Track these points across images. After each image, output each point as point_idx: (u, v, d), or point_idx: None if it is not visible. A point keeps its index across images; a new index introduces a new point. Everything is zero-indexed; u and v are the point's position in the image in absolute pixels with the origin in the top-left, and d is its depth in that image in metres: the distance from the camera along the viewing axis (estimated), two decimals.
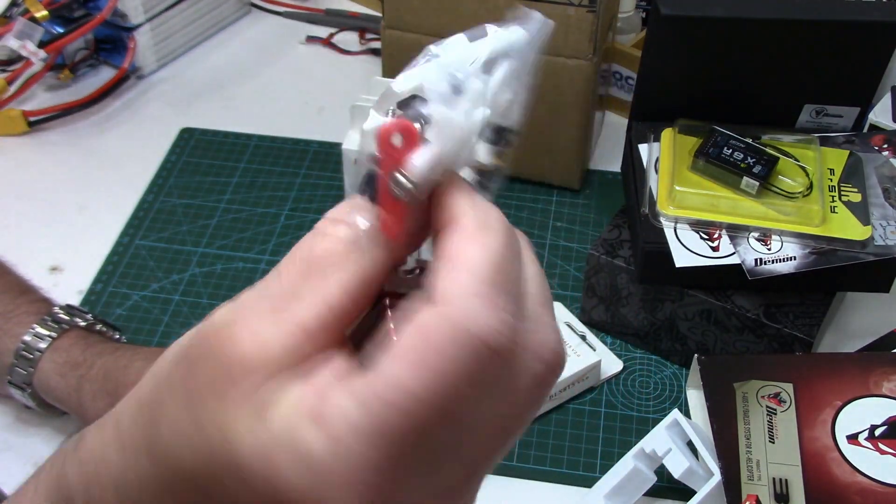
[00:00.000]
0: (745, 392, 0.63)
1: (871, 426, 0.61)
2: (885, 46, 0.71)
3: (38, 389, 0.68)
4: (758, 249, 0.67)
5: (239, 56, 1.08)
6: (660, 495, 0.66)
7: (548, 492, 0.67)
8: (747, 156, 0.69)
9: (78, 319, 0.70)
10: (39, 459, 0.69)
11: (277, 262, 0.35)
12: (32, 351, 0.68)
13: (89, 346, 0.69)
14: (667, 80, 0.74)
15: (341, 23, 1.11)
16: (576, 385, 0.72)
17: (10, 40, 0.91)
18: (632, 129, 0.76)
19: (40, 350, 0.68)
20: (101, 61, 1.04)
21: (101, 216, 0.88)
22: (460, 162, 0.38)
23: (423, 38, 0.84)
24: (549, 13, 0.89)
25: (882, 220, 0.68)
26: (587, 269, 0.74)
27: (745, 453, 0.60)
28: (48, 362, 0.68)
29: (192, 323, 0.34)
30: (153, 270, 0.83)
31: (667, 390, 0.73)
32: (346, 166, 0.78)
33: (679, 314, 0.71)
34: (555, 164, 0.88)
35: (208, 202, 0.90)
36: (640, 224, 0.69)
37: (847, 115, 0.75)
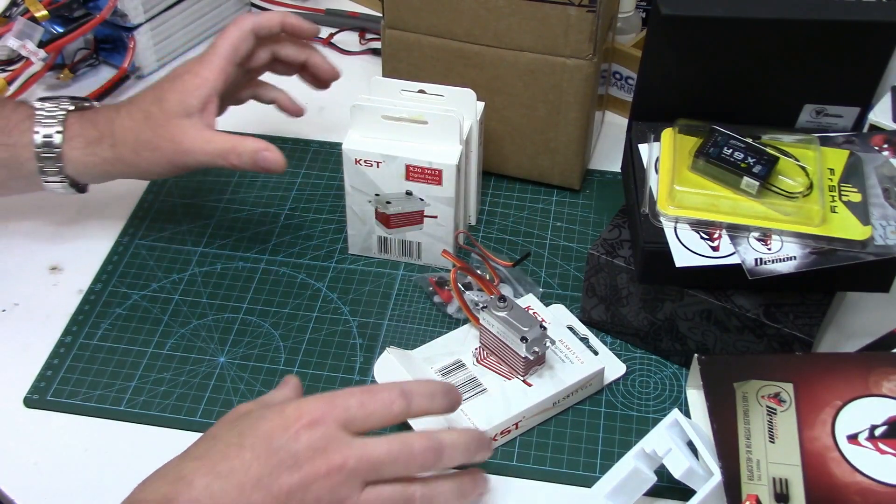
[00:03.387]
0: (745, 392, 0.63)
1: (871, 426, 0.61)
2: (885, 46, 0.71)
3: (75, 176, 0.77)
4: (758, 249, 0.67)
5: None
6: (660, 495, 0.66)
7: (548, 492, 0.67)
8: (747, 155, 0.69)
9: (65, 105, 0.77)
10: (40, 459, 0.69)
11: (277, 261, 0.36)
12: (52, 149, 0.76)
13: (94, 122, 0.76)
14: (667, 79, 0.74)
15: (341, 23, 1.11)
16: (579, 392, 0.72)
17: (10, 40, 0.91)
18: (632, 128, 0.76)
19: (58, 146, 0.75)
20: (101, 61, 1.04)
21: (101, 216, 0.88)
22: None
23: (423, 38, 0.84)
24: (549, 13, 0.89)
25: (882, 219, 0.68)
26: (587, 269, 0.74)
27: (745, 453, 0.60)
28: (71, 151, 0.76)
29: (192, 323, 0.34)
30: (153, 270, 0.83)
31: (667, 390, 0.73)
32: (347, 166, 0.78)
33: (679, 314, 0.71)
34: (555, 164, 0.88)
35: (208, 202, 0.89)
36: (640, 224, 0.69)
37: (847, 115, 0.75)
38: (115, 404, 0.72)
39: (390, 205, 0.79)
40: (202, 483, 0.55)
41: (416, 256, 0.82)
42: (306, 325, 0.78)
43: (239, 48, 0.77)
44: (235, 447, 0.56)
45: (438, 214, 0.79)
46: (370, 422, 0.58)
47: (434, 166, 0.76)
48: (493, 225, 0.87)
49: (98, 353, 0.76)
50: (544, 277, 0.82)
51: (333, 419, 0.57)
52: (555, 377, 0.70)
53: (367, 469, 0.57)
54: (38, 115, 0.76)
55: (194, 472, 0.55)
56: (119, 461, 0.69)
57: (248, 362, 0.75)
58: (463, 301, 0.75)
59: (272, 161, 0.74)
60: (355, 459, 0.56)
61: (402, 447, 0.58)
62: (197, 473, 0.55)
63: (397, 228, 0.81)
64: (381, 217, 0.80)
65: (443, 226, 0.80)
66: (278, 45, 0.81)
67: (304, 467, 0.55)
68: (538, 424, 0.71)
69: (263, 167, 0.75)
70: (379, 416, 0.58)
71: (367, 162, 0.77)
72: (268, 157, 0.74)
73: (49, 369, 0.75)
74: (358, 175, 0.78)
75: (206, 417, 0.71)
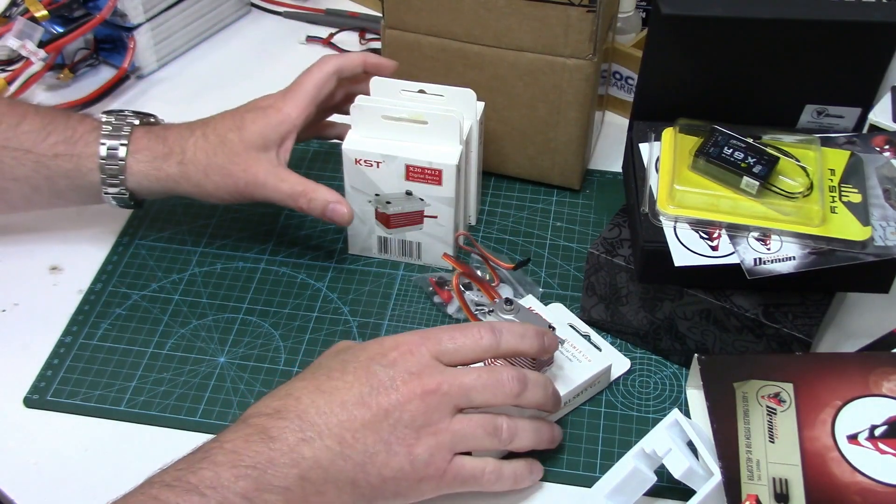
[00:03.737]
0: (745, 392, 0.63)
1: (871, 426, 0.61)
2: (886, 47, 0.71)
3: (136, 189, 0.77)
4: (757, 249, 0.67)
5: (239, 56, 1.08)
6: (660, 495, 0.66)
7: (548, 492, 0.67)
8: (748, 155, 0.69)
9: (131, 120, 0.78)
10: (40, 459, 0.69)
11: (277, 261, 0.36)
12: (116, 161, 0.76)
13: (163, 138, 0.77)
14: (668, 79, 0.74)
15: (341, 23, 1.11)
16: (588, 390, 0.72)
17: (10, 40, 0.91)
18: (633, 128, 0.76)
19: (122, 158, 0.76)
20: (101, 61, 1.04)
21: (101, 216, 0.88)
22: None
23: (423, 38, 0.84)
24: (549, 13, 0.89)
25: (882, 220, 0.68)
26: (587, 268, 0.74)
27: (745, 453, 0.60)
28: (136, 164, 0.76)
29: (192, 323, 0.34)
30: (153, 270, 0.83)
31: (667, 390, 0.73)
32: (347, 166, 0.78)
33: (678, 313, 0.71)
34: (555, 164, 0.88)
35: (208, 202, 0.89)
36: (639, 223, 0.69)
37: (848, 115, 0.75)
38: (115, 404, 0.72)
39: (390, 205, 0.79)
40: (308, 398, 0.60)
41: (417, 256, 0.82)
42: (306, 325, 0.78)
43: (322, 89, 0.78)
44: (338, 371, 0.62)
45: (438, 214, 0.79)
46: (460, 354, 0.63)
47: (434, 166, 0.76)
48: (493, 225, 0.87)
49: (98, 353, 0.76)
50: (544, 277, 0.82)
51: (427, 349, 0.62)
52: (564, 377, 0.70)
53: (458, 394, 0.61)
54: (104, 127, 0.77)
55: (301, 391, 0.61)
56: (119, 461, 0.69)
57: (248, 362, 0.75)
58: (466, 306, 0.76)
59: (340, 215, 0.77)
60: (448, 384, 0.61)
61: (491, 375, 0.63)
62: (304, 391, 0.61)
63: (397, 228, 0.81)
64: (380, 217, 0.80)
65: (443, 226, 0.80)
66: (355, 85, 0.82)
67: (401, 388, 0.61)
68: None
69: (331, 218, 0.77)
70: (469, 350, 0.63)
71: (367, 162, 0.77)
72: (337, 209, 0.77)
73: (49, 369, 0.75)
74: (358, 175, 0.78)
75: (206, 417, 0.71)
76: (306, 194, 0.76)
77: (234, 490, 0.56)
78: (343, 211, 0.76)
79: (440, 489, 0.62)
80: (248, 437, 0.58)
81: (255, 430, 0.59)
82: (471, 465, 0.63)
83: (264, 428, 0.59)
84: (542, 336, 0.66)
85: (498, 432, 0.63)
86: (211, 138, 0.77)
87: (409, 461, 0.60)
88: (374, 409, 0.60)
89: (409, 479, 0.61)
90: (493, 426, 0.63)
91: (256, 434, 0.59)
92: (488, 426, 0.63)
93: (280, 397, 0.61)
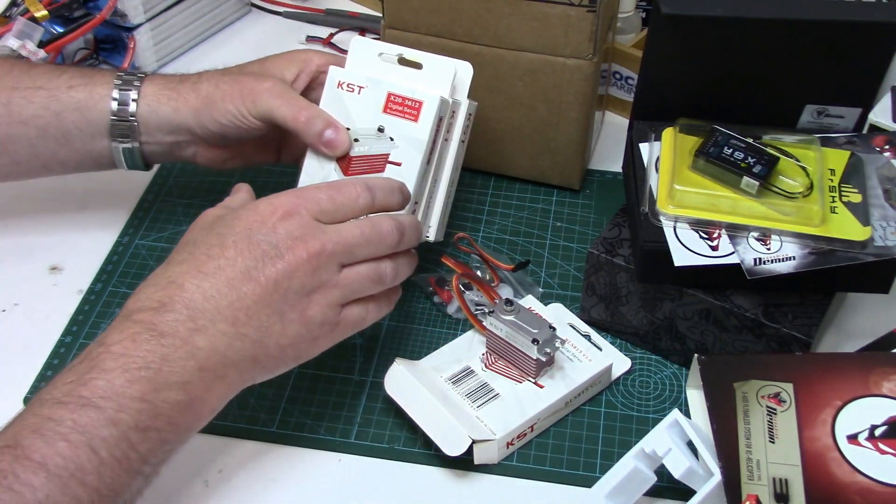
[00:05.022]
0: (745, 392, 0.63)
1: (871, 426, 0.61)
2: (886, 47, 0.71)
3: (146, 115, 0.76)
4: (757, 249, 0.67)
5: (239, 56, 1.07)
6: (660, 495, 0.66)
7: (548, 492, 0.67)
8: (748, 155, 0.69)
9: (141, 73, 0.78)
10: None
11: None
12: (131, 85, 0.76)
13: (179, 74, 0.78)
14: (668, 79, 0.74)
15: (341, 23, 1.11)
16: (589, 389, 0.72)
17: (10, 40, 0.91)
18: (633, 127, 0.76)
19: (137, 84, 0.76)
20: (101, 61, 1.04)
21: (101, 216, 0.88)
22: None
23: (423, 38, 0.84)
24: (549, 13, 0.89)
25: (882, 220, 0.68)
26: (587, 268, 0.74)
27: (745, 453, 0.60)
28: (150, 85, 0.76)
29: None
30: (153, 270, 0.83)
31: (667, 390, 0.73)
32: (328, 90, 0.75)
33: (678, 313, 0.71)
34: (555, 164, 0.88)
35: (208, 202, 0.89)
36: (639, 223, 0.69)
37: (849, 115, 0.75)
38: None
39: (357, 143, 0.75)
40: (193, 284, 0.59)
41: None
42: None
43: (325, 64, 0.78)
44: (217, 247, 0.60)
45: (404, 161, 0.74)
46: (339, 214, 0.63)
47: (416, 96, 0.73)
48: (493, 225, 0.87)
49: None
50: (544, 277, 0.82)
51: (306, 210, 0.62)
52: (566, 377, 0.70)
53: (343, 251, 0.62)
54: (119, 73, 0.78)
55: (183, 276, 0.60)
56: None
57: None
58: (466, 307, 0.76)
59: (338, 142, 0.74)
60: (332, 243, 0.61)
61: (372, 229, 0.64)
62: (186, 276, 0.59)
63: (356, 176, 0.75)
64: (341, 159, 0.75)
65: (404, 178, 0.73)
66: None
67: (286, 255, 0.60)
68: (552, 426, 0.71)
69: (327, 143, 0.74)
70: (347, 209, 0.64)
71: (350, 86, 0.74)
72: (336, 135, 0.74)
73: (49, 369, 0.75)
74: (336, 102, 0.75)
75: None
76: (310, 109, 0.74)
77: (130, 395, 0.55)
78: (342, 138, 0.73)
79: (334, 340, 0.64)
80: (136, 336, 0.57)
81: (143, 328, 0.57)
82: (356, 310, 0.64)
83: (152, 324, 0.57)
84: (401, 191, 0.68)
85: (383, 277, 0.65)
86: (231, 69, 0.80)
87: (304, 325, 0.61)
88: (262, 283, 0.59)
89: (305, 341, 0.62)
90: (378, 273, 0.64)
91: (145, 332, 0.57)
92: (373, 274, 0.64)
93: (162, 287, 0.59)
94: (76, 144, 0.78)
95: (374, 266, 0.64)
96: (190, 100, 0.76)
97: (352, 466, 0.69)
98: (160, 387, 0.56)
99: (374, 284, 0.64)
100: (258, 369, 0.61)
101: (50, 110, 0.76)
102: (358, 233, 0.63)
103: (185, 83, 0.77)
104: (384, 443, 0.70)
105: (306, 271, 0.61)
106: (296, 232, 0.61)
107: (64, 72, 0.78)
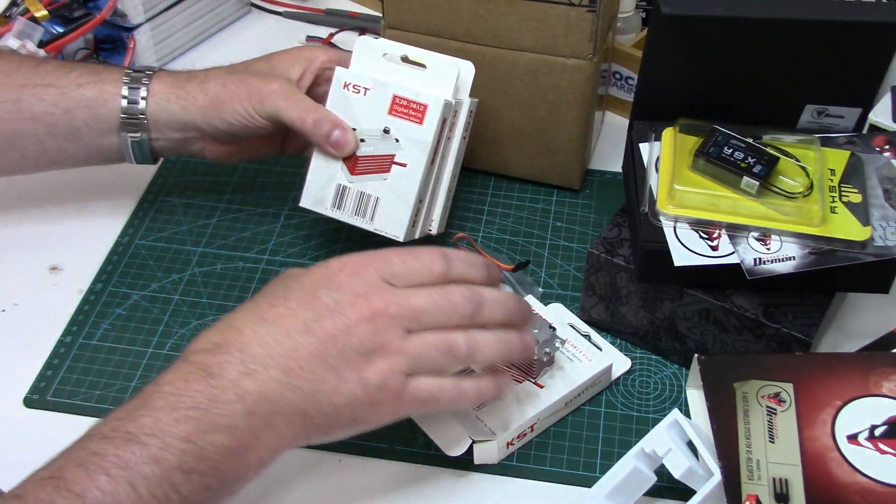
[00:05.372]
0: (745, 392, 0.63)
1: (871, 426, 0.61)
2: (887, 47, 0.71)
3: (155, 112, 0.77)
4: (757, 249, 0.67)
5: (239, 56, 1.07)
6: (660, 495, 0.66)
7: (548, 492, 0.67)
8: (748, 155, 0.69)
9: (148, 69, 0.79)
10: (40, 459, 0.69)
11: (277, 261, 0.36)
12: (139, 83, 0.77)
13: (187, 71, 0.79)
14: (668, 79, 0.74)
15: (341, 23, 1.11)
16: (589, 389, 0.72)
17: (10, 40, 0.91)
18: (633, 127, 0.76)
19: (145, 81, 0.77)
20: (101, 61, 1.04)
21: (101, 216, 0.88)
22: None
23: (423, 38, 0.84)
24: (549, 13, 0.89)
25: (882, 220, 0.68)
26: (587, 268, 0.74)
27: (745, 453, 0.60)
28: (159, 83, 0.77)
29: (192, 323, 0.34)
30: (153, 270, 0.83)
31: (667, 390, 0.73)
32: (334, 91, 0.77)
33: (678, 313, 0.71)
34: (555, 164, 0.88)
35: (208, 202, 0.90)
36: (639, 223, 0.69)
37: (849, 115, 0.75)
38: (116, 404, 0.72)
39: (363, 143, 0.76)
40: (250, 329, 0.58)
41: (370, 218, 0.77)
42: None
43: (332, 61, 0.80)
44: (281, 297, 0.60)
45: (409, 162, 0.75)
46: (410, 279, 0.60)
47: (421, 99, 0.75)
48: (493, 225, 0.87)
49: (98, 353, 0.76)
50: (544, 277, 0.82)
51: (375, 270, 0.60)
52: (566, 377, 0.70)
53: (408, 315, 0.59)
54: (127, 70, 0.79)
55: (242, 321, 0.59)
56: None
57: None
58: None
59: (345, 141, 0.75)
60: (396, 305, 0.59)
61: (443, 297, 0.60)
62: (245, 322, 0.59)
63: (361, 176, 0.77)
64: (347, 158, 0.77)
65: (409, 178, 0.75)
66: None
67: (347, 311, 0.58)
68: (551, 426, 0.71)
69: (335, 143, 0.75)
70: (419, 275, 0.61)
71: (356, 87, 0.76)
72: (343, 135, 0.75)
73: (49, 369, 0.75)
74: (342, 102, 0.76)
75: None
76: (317, 111, 0.75)
77: (176, 434, 0.53)
78: (349, 139, 0.75)
79: (399, 413, 0.60)
80: (188, 375, 0.56)
81: (196, 369, 0.56)
82: (427, 384, 0.60)
83: (204, 365, 0.56)
84: (488, 267, 0.64)
85: (454, 350, 0.59)
86: (237, 66, 0.80)
87: (361, 386, 0.58)
88: (319, 336, 0.58)
89: (362, 404, 0.58)
90: (448, 344, 0.59)
91: (196, 372, 0.56)
92: (442, 345, 0.59)
93: (220, 330, 0.59)
94: (85, 140, 0.79)
95: (444, 336, 0.60)
96: (199, 99, 0.77)
97: (352, 466, 0.69)
98: (207, 428, 0.54)
99: (445, 357, 0.59)
100: (311, 426, 0.58)
101: (60, 107, 0.77)
102: (426, 297, 0.59)
103: (193, 81, 0.78)
104: (384, 443, 0.70)
105: (366, 330, 0.58)
106: (360, 290, 0.59)
107: (72, 69, 0.78)
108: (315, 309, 0.58)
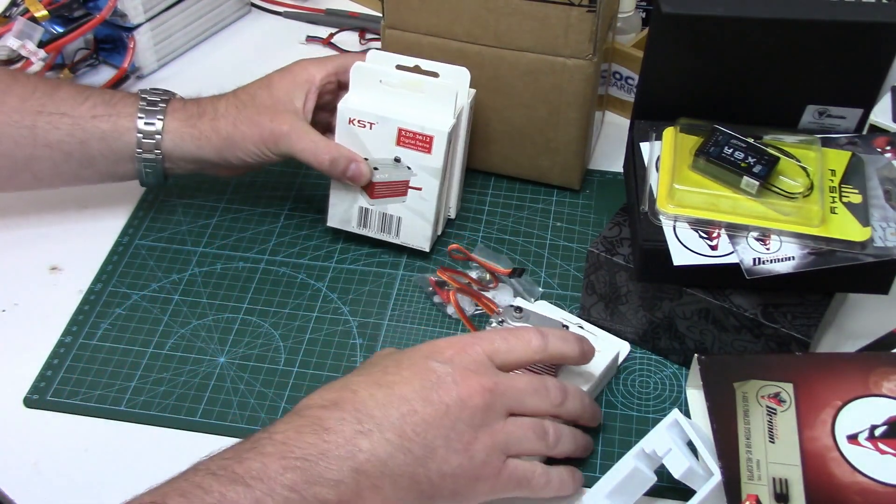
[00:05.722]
0: (745, 392, 0.63)
1: (871, 426, 0.61)
2: (887, 48, 0.71)
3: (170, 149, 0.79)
4: (756, 249, 0.67)
5: (239, 56, 1.08)
6: (660, 495, 0.66)
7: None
8: (748, 155, 0.69)
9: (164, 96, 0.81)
10: (40, 459, 0.69)
11: (277, 261, 0.36)
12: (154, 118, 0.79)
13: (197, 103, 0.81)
14: (669, 78, 0.74)
15: (341, 23, 1.11)
16: (603, 380, 0.72)
17: (10, 40, 0.91)
18: (634, 127, 0.76)
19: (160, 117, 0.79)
20: (101, 61, 1.04)
21: (101, 216, 0.88)
22: None
23: (423, 38, 0.84)
24: (549, 13, 0.89)
25: (882, 221, 0.68)
26: (587, 267, 0.74)
27: (745, 453, 0.60)
28: (171, 122, 0.79)
29: (192, 323, 0.34)
30: (153, 270, 0.83)
31: (667, 390, 0.73)
32: (340, 126, 0.79)
33: (677, 313, 0.71)
34: (555, 164, 0.88)
35: (208, 202, 0.90)
36: (639, 222, 0.69)
37: (850, 116, 0.75)
38: (115, 404, 0.72)
39: (377, 171, 0.79)
40: (366, 392, 0.60)
41: (395, 234, 0.82)
42: (306, 325, 0.78)
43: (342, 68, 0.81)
44: (394, 366, 0.62)
45: (423, 186, 0.79)
46: (511, 355, 0.64)
47: (426, 132, 0.77)
48: (493, 225, 0.87)
49: (98, 353, 0.76)
50: (544, 277, 0.82)
51: (481, 348, 0.63)
52: (582, 371, 0.71)
53: (512, 395, 0.62)
54: (141, 97, 0.80)
55: (358, 384, 0.60)
56: (119, 461, 0.69)
57: (248, 362, 0.75)
58: (468, 320, 0.76)
59: (360, 174, 0.79)
60: (503, 385, 0.62)
61: (539, 382, 0.64)
62: (361, 384, 0.60)
63: (380, 199, 0.80)
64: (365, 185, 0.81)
65: (426, 200, 0.79)
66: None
67: (461, 384, 0.60)
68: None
69: (351, 178, 0.79)
70: (520, 351, 0.64)
71: (361, 122, 0.78)
72: (359, 168, 0.79)
73: (49, 369, 0.75)
74: (350, 136, 0.79)
75: (206, 417, 0.71)
76: (330, 150, 0.78)
77: (281, 482, 0.54)
78: (363, 170, 0.78)
79: (495, 490, 0.61)
80: (301, 427, 0.57)
81: (309, 422, 0.58)
82: (523, 467, 0.62)
83: (319, 419, 0.58)
84: (581, 342, 0.67)
85: (546, 436, 0.63)
86: (242, 97, 0.80)
87: (468, 459, 0.59)
88: (434, 404, 0.59)
89: (467, 477, 0.60)
90: (543, 430, 0.63)
91: (310, 425, 0.57)
92: (538, 429, 0.63)
93: (336, 389, 0.60)
94: (100, 167, 0.81)
95: (539, 422, 0.63)
96: (212, 139, 0.79)
97: None
98: (313, 480, 0.55)
99: (538, 441, 0.63)
100: (415, 492, 0.59)
101: (75, 138, 0.78)
102: (527, 380, 0.63)
103: (204, 118, 0.79)
104: None
105: (477, 405, 0.60)
106: (471, 366, 0.61)
107: (87, 98, 0.79)
108: (429, 379, 0.60)
